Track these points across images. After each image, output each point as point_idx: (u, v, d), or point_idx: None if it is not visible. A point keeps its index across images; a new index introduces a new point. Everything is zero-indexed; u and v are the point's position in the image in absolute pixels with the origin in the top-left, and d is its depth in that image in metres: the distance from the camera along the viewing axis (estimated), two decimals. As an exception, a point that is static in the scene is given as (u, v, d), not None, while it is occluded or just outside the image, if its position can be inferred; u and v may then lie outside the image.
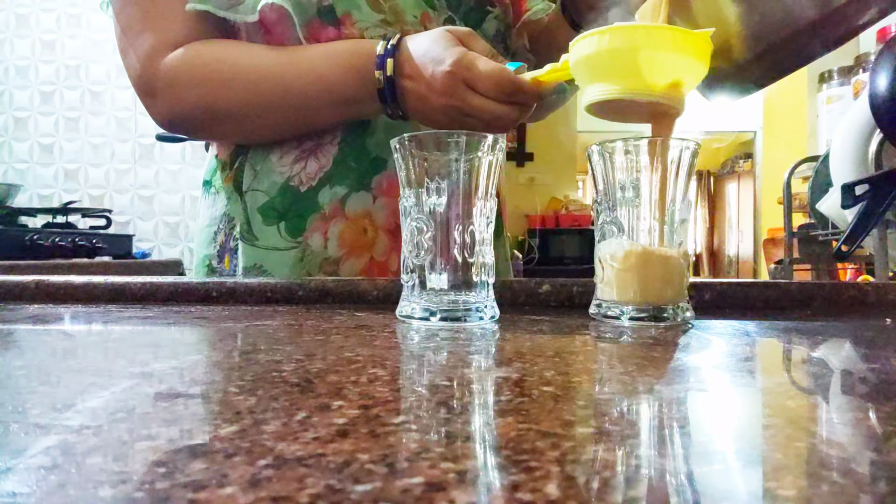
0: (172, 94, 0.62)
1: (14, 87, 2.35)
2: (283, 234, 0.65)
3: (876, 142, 1.03)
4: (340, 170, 0.65)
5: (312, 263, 0.65)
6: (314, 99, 0.60)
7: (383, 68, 0.56)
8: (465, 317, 0.42)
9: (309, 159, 0.65)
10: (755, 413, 0.23)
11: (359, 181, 0.65)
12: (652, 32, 0.44)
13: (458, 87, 0.53)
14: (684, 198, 0.44)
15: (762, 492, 0.15)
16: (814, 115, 2.34)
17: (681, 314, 0.43)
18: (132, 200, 2.36)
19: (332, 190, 0.65)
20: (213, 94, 0.61)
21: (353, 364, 0.28)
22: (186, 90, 0.61)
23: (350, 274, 0.65)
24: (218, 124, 0.64)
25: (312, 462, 0.16)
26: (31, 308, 0.50)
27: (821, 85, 1.70)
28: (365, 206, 0.65)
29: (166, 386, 0.24)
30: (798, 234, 1.61)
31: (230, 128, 0.65)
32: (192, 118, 0.63)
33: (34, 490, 0.14)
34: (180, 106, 0.62)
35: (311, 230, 0.65)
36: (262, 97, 0.60)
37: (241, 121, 0.63)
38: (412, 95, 0.56)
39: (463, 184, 0.42)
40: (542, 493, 0.14)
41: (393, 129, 0.65)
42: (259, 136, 0.66)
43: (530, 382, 0.25)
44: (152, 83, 0.62)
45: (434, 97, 0.54)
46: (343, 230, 0.65)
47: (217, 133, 0.68)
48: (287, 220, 0.65)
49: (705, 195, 7.48)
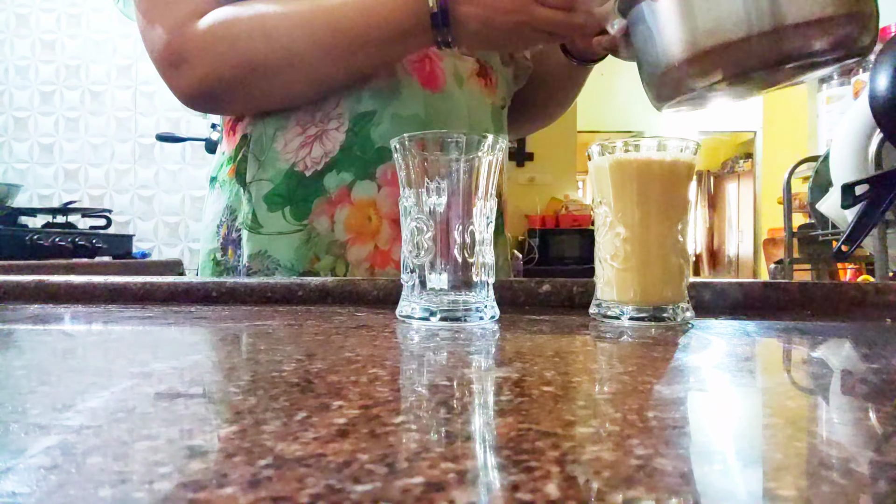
0: (208, 56, 0.59)
1: (14, 87, 2.35)
2: (287, 219, 0.65)
3: (876, 142, 1.03)
4: (346, 156, 0.65)
5: (319, 246, 0.65)
6: (363, 35, 0.59)
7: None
8: (465, 317, 0.42)
9: (314, 144, 0.65)
10: (755, 413, 0.23)
11: (364, 170, 0.65)
12: None
13: (527, 3, 0.55)
14: (684, 198, 0.44)
15: (762, 492, 0.15)
16: (814, 115, 2.34)
17: (681, 314, 0.43)
18: (132, 200, 2.36)
19: (339, 175, 0.64)
20: (255, 47, 0.59)
21: (353, 364, 0.28)
22: (225, 48, 0.59)
23: (356, 259, 0.65)
24: (258, 82, 0.61)
25: (312, 462, 0.16)
26: (31, 308, 0.50)
27: (821, 85, 1.69)
28: (370, 194, 0.65)
29: (166, 386, 0.24)
30: (798, 234, 1.61)
31: (270, 85, 0.62)
32: (229, 79, 0.61)
33: (34, 490, 0.14)
34: (217, 67, 0.60)
35: (316, 213, 0.65)
36: (310, 40, 0.58)
37: (284, 72, 0.60)
38: (473, 20, 0.56)
39: (463, 184, 0.42)
40: (542, 493, 0.14)
41: (399, 121, 0.65)
42: (300, 92, 0.64)
43: (530, 382, 0.25)
44: (182, 50, 0.60)
45: (500, 17, 0.55)
46: (349, 215, 0.65)
47: (255, 94, 0.64)
48: (292, 204, 0.65)
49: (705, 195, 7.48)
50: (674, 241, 0.43)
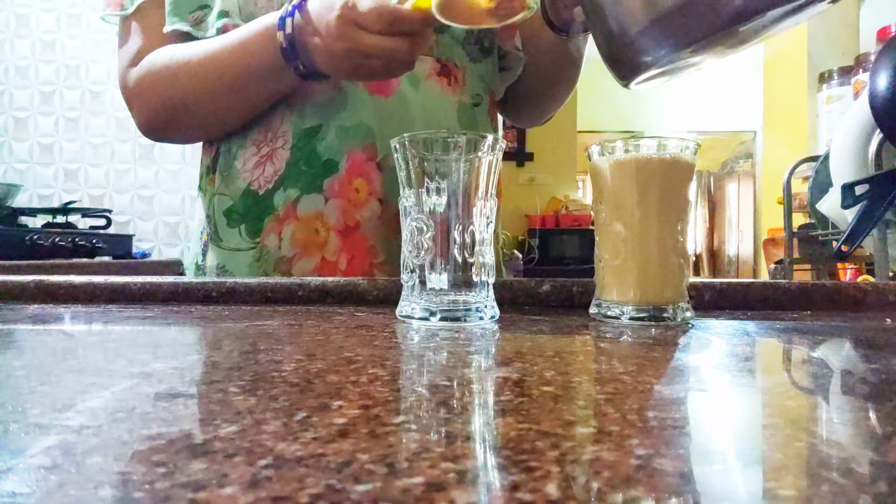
0: (140, 101, 0.67)
1: (14, 87, 2.35)
2: (243, 236, 0.68)
3: (876, 142, 1.03)
4: (293, 173, 0.66)
5: (268, 264, 0.67)
6: (244, 75, 0.62)
7: (283, 28, 0.58)
8: (465, 317, 0.42)
9: (266, 164, 0.67)
10: (755, 413, 0.23)
11: (310, 184, 0.66)
12: None
13: (349, 29, 0.54)
14: (684, 198, 0.44)
15: (762, 492, 0.15)
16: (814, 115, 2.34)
17: (681, 314, 0.43)
18: (132, 200, 2.36)
19: (286, 192, 0.66)
20: (167, 91, 0.65)
21: (353, 364, 0.28)
22: (148, 93, 0.66)
23: (302, 273, 0.66)
24: (179, 120, 0.67)
25: (312, 462, 0.16)
26: (31, 308, 0.50)
27: (821, 85, 1.70)
28: (317, 207, 0.66)
29: (166, 386, 0.24)
30: (798, 234, 1.61)
31: (190, 121, 0.68)
32: (159, 119, 0.67)
33: (34, 490, 0.14)
34: (147, 110, 0.67)
35: (266, 231, 0.67)
36: (204, 80, 0.63)
37: (194, 112, 0.66)
38: (318, 51, 0.57)
39: (463, 184, 0.42)
40: (542, 493, 0.14)
41: (344, 132, 0.66)
42: (218, 126, 0.69)
43: (530, 382, 0.25)
44: (127, 95, 0.68)
45: (334, 45, 0.55)
46: (295, 230, 0.66)
47: (183, 129, 0.70)
48: (247, 222, 0.68)
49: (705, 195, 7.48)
50: (674, 241, 0.43)
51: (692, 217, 0.44)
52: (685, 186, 0.44)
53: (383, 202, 0.67)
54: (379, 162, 0.67)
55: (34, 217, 1.96)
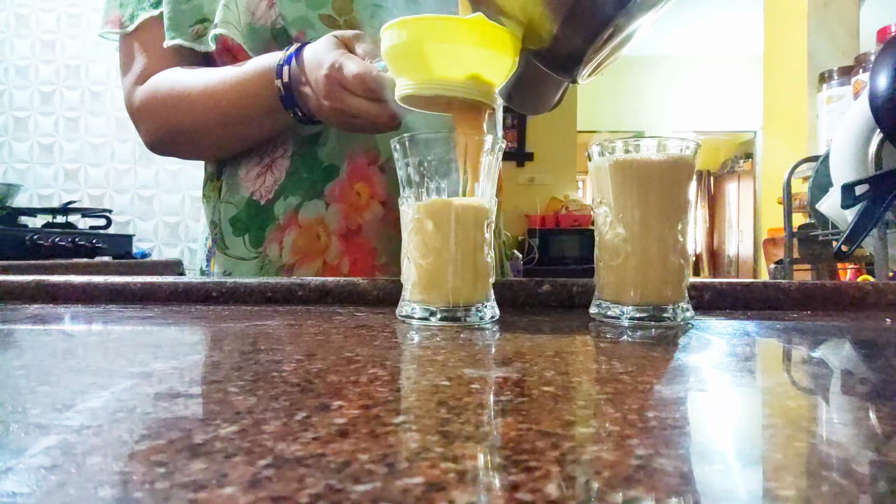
0: (144, 124, 0.69)
1: (14, 87, 2.35)
2: (247, 246, 0.69)
3: (876, 142, 1.03)
4: (293, 181, 0.67)
5: (270, 272, 0.67)
6: (241, 110, 0.63)
7: (281, 76, 0.58)
8: (465, 317, 0.42)
9: (267, 174, 0.68)
10: (755, 413, 0.23)
11: (312, 190, 0.67)
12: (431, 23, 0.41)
13: (334, 90, 0.54)
14: (684, 198, 0.44)
15: (762, 492, 0.15)
16: (814, 115, 2.34)
17: (681, 314, 0.43)
18: (132, 200, 2.36)
19: (286, 201, 0.67)
20: (168, 118, 0.66)
21: (353, 364, 0.28)
22: (151, 117, 0.68)
23: None
24: (181, 143, 0.69)
25: (312, 462, 0.16)
26: (31, 308, 0.50)
27: (821, 85, 1.69)
28: (318, 212, 0.67)
29: (166, 386, 0.24)
30: (798, 234, 1.60)
31: (190, 146, 0.69)
32: (162, 142, 0.69)
33: (34, 490, 0.14)
34: (151, 132, 0.69)
35: (268, 241, 0.68)
36: (203, 115, 0.64)
37: (194, 138, 0.67)
38: (311, 101, 0.58)
39: (463, 184, 0.42)
40: (542, 493, 0.14)
41: (346, 138, 0.66)
42: (218, 151, 0.70)
43: (530, 382, 0.25)
44: (132, 114, 0.70)
45: (322, 101, 0.56)
46: (296, 238, 0.67)
47: (185, 153, 0.72)
48: (250, 232, 0.68)
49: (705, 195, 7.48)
50: (674, 241, 0.43)
51: (692, 217, 0.44)
52: (685, 186, 0.44)
53: (386, 205, 0.67)
54: (381, 164, 0.67)
55: (34, 217, 1.96)
